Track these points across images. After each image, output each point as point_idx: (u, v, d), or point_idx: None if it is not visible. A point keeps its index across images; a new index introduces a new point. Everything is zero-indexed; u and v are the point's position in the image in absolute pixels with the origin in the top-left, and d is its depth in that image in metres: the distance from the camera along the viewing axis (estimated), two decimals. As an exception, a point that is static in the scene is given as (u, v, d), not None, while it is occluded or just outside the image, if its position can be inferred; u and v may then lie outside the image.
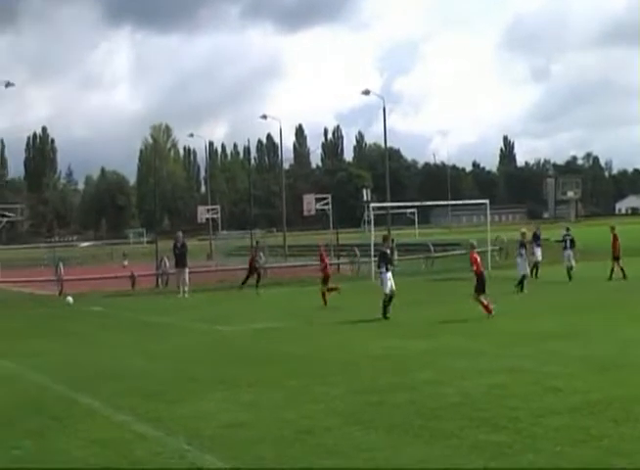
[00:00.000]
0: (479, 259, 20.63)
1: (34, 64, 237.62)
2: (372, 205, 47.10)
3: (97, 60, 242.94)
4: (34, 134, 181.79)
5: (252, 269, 34.31)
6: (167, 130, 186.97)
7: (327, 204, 57.79)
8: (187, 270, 33.45)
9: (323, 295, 25.81)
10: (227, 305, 27.97)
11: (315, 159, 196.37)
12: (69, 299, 30.61)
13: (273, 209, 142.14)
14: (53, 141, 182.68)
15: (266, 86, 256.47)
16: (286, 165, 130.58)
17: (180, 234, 35.07)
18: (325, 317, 21.90)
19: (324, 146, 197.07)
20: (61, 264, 39.72)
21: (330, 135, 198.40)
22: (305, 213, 59.70)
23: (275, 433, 9.16)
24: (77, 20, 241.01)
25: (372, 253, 36.22)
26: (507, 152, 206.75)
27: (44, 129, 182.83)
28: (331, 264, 31.53)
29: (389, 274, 21.06)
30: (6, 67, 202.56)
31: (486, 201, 43.20)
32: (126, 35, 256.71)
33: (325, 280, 26.49)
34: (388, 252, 21.31)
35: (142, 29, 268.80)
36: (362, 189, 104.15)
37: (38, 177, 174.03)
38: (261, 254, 43.92)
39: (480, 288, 20.16)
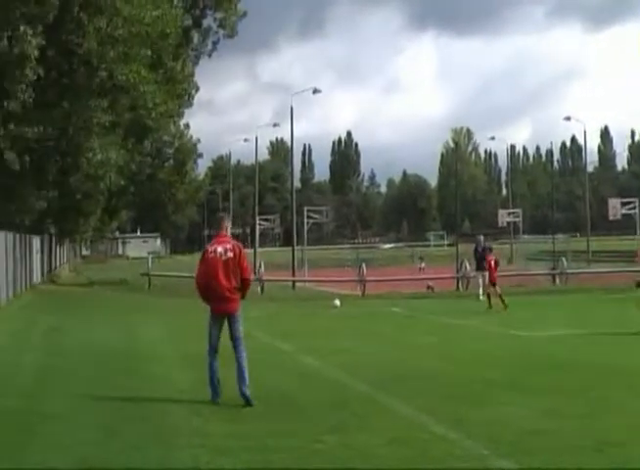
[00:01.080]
0: None
1: (341, 69, 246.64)
2: (684, 210, 44.79)
3: (401, 64, 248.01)
4: (339, 138, 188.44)
5: None
6: (468, 134, 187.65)
7: (633, 208, 55.92)
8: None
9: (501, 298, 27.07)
10: (525, 310, 27.49)
11: (621, 161, 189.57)
12: (337, 302, 31.05)
13: (576, 213, 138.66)
14: (357, 145, 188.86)
15: (571, 87, 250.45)
16: (590, 168, 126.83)
17: (481, 237, 34.91)
18: (628, 326, 20.99)
19: (631, 148, 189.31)
20: (363, 265, 40.79)
21: (637, 137, 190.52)
22: (611, 218, 58.09)
23: (576, 443, 8.87)
24: (383, 25, 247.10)
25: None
26: None
27: (349, 133, 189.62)
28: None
29: None
30: (315, 72, 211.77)
31: None
32: (430, 40, 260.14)
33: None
34: None
35: (445, 33, 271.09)
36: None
37: (342, 180, 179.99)
38: (563, 259, 42.99)
39: None
